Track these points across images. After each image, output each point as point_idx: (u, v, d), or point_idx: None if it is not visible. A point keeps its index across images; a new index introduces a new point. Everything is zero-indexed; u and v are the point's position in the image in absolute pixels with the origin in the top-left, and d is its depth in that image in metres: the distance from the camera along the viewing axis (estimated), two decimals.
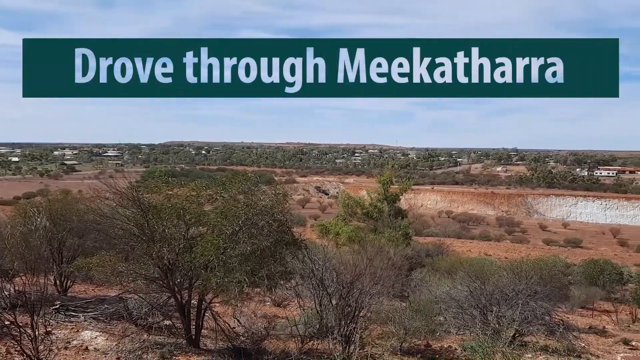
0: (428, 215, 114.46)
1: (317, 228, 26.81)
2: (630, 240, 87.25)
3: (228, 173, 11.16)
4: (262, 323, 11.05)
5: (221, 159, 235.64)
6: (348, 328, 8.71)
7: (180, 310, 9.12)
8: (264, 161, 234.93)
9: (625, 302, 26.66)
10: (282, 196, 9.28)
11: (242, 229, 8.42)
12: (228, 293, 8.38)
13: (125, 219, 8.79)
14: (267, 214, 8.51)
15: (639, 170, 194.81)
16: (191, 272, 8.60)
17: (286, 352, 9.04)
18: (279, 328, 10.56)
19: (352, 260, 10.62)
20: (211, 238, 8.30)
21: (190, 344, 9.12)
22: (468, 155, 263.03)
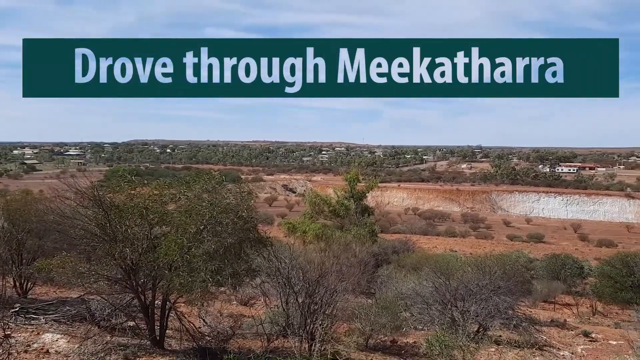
0: (395, 213, 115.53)
1: (284, 226, 26.76)
2: (590, 235, 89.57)
3: (191, 172, 11.04)
4: (228, 322, 10.96)
5: (187, 158, 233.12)
6: (314, 326, 8.71)
7: (144, 310, 8.99)
8: (231, 159, 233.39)
9: (585, 296, 27.33)
10: (247, 194, 9.22)
11: (207, 228, 8.35)
12: (192, 293, 8.29)
13: (87, 219, 8.62)
14: (231, 212, 8.45)
15: (599, 167, 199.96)
16: (155, 272, 8.48)
17: (252, 350, 9.00)
18: (245, 327, 10.49)
19: (318, 258, 10.64)
20: (175, 237, 8.20)
21: (154, 344, 9.00)
22: (434, 153, 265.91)
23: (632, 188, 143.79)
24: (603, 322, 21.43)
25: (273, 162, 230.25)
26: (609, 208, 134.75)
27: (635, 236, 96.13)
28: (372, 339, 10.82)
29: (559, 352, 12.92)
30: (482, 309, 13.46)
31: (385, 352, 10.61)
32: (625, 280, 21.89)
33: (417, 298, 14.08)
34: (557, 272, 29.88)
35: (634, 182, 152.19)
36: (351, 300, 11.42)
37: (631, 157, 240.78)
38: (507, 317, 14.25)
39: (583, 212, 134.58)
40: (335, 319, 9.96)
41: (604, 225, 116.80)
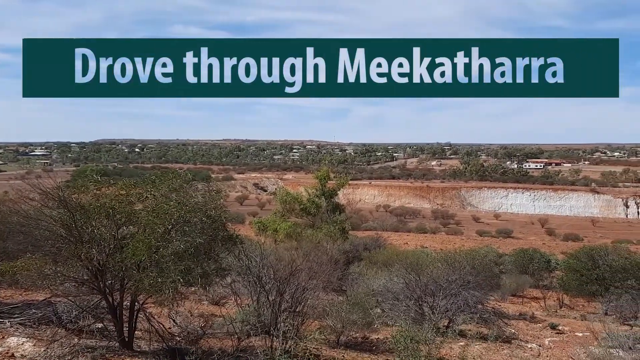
0: (366, 210, 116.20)
1: (255, 225, 26.69)
2: (557, 230, 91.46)
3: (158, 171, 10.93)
4: (198, 322, 10.88)
5: (156, 157, 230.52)
6: (285, 324, 8.71)
7: (112, 312, 8.86)
8: (200, 158, 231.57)
9: (552, 289, 27.83)
10: (216, 192, 9.16)
11: (175, 227, 8.26)
12: (162, 293, 8.20)
13: (51, 220, 8.46)
14: (200, 211, 8.38)
15: (565, 163, 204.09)
16: (122, 273, 8.36)
17: (223, 350, 8.95)
18: (216, 327, 10.41)
19: (289, 256, 10.63)
20: (142, 237, 8.08)
21: (123, 346, 8.88)
22: (404, 150, 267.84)
23: (597, 183, 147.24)
24: (569, 314, 21.86)
25: (244, 161, 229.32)
26: (575, 203, 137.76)
27: (600, 230, 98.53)
28: (343, 335, 10.85)
29: (526, 345, 13.14)
30: (452, 304, 13.62)
31: (356, 349, 10.65)
32: (590, 273, 22.35)
33: (388, 294, 14.19)
34: (525, 267, 30.41)
35: (599, 178, 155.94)
36: (322, 297, 11.44)
37: (595, 153, 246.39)
38: (476, 311, 14.45)
39: (550, 207, 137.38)
40: (307, 317, 9.97)
41: (570, 219, 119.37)
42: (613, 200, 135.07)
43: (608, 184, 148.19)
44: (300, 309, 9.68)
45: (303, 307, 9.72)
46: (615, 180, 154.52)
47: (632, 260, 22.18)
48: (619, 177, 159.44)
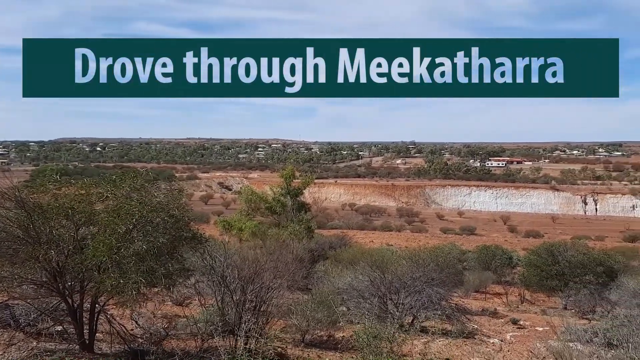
0: (332, 208, 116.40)
1: (220, 224, 26.48)
2: (518, 226, 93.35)
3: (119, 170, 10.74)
4: (161, 323, 10.75)
5: (118, 156, 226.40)
6: (249, 323, 8.66)
7: (71, 314, 8.67)
8: (164, 157, 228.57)
9: (514, 285, 28.35)
10: (178, 192, 9.05)
11: (137, 227, 8.12)
12: (124, 294, 8.07)
13: (8, 220, 8.23)
14: (162, 211, 8.27)
15: (526, 161, 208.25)
16: (83, 275, 8.20)
17: (186, 351, 8.85)
18: (179, 327, 10.31)
19: (254, 255, 10.57)
20: (103, 238, 7.93)
21: (84, 349, 8.70)
22: (369, 149, 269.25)
23: (557, 181, 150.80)
24: (530, 309, 22.33)
25: (208, 160, 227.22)
26: (536, 200, 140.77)
27: (560, 226, 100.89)
28: (308, 334, 10.86)
29: (488, 340, 13.37)
30: (416, 301, 13.76)
31: (321, 347, 10.67)
32: (550, 268, 22.82)
33: (353, 292, 14.24)
34: (487, 263, 30.91)
35: (558, 176, 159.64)
36: (287, 296, 11.41)
37: (555, 152, 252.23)
38: (440, 307, 14.63)
39: (512, 204, 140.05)
40: (271, 316, 9.93)
41: (531, 216, 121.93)
42: (572, 198, 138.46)
43: (567, 181, 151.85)
44: (265, 308, 9.64)
45: (267, 306, 9.68)
46: (574, 178, 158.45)
47: (590, 256, 22.75)
48: (577, 175, 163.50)
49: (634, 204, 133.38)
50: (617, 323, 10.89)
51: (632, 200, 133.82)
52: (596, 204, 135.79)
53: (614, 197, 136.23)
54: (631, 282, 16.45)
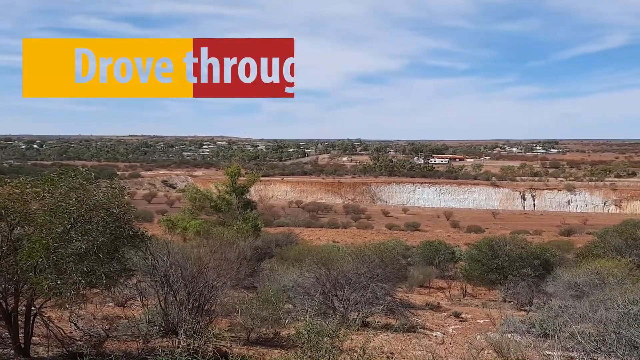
0: (278, 206, 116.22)
1: (164, 223, 25.99)
2: (461, 222, 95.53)
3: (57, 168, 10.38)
4: (102, 325, 10.48)
5: (56, 154, 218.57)
6: (192, 323, 8.54)
7: (5, 318, 8.34)
8: (105, 155, 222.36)
9: (457, 279, 29.07)
10: (119, 190, 8.82)
11: (75, 227, 7.87)
12: (62, 296, 7.82)
13: None
14: (101, 210, 8.04)
15: (467, 158, 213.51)
16: (17, 276, 7.88)
17: (128, 352, 8.66)
18: (121, 329, 10.05)
19: (198, 254, 10.43)
20: (39, 238, 7.66)
21: (19, 353, 8.38)
22: (315, 146, 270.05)
23: (497, 177, 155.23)
24: (472, 302, 22.92)
25: (151, 158, 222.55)
26: (477, 196, 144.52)
27: (500, 222, 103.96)
28: (253, 332, 10.81)
29: (431, 333, 13.65)
30: (361, 297, 13.93)
31: (267, 345, 10.64)
32: (490, 262, 23.48)
33: (299, 289, 14.28)
34: (431, 258, 31.55)
35: (498, 172, 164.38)
36: (231, 295, 11.33)
37: (495, 149, 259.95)
38: (384, 302, 14.85)
39: (454, 200, 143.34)
40: (216, 315, 9.84)
41: (473, 212, 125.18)
42: (511, 194, 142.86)
43: (507, 178, 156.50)
44: (209, 307, 9.54)
45: (211, 305, 9.58)
46: (514, 174, 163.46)
47: (528, 250, 23.55)
48: (516, 172, 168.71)
49: (569, 199, 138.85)
50: (552, 314, 11.30)
51: (567, 196, 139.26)
52: (534, 199, 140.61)
53: (550, 192, 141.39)
54: (566, 274, 17.08)
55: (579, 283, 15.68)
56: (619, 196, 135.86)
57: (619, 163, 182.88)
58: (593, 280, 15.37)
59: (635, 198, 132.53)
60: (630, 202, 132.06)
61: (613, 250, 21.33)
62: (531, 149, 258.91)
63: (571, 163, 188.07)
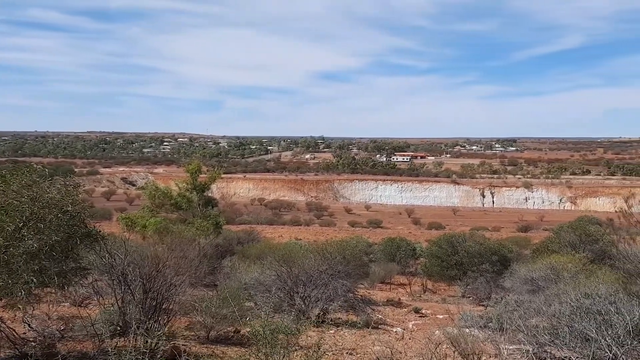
0: (240, 203, 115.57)
1: (122, 221, 25.44)
2: (422, 219, 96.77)
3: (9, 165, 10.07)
4: (57, 325, 10.22)
5: (11, 150, 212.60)
6: (150, 322, 8.40)
7: None
8: (62, 152, 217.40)
9: (417, 275, 29.40)
10: (73, 187, 8.59)
11: (27, 225, 7.64)
12: (13, 296, 7.59)
13: None
14: (55, 207, 7.82)
15: (429, 156, 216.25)
16: None
17: (83, 353, 8.47)
18: (76, 329, 9.82)
19: (156, 252, 10.25)
20: None
21: None
22: (278, 144, 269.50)
23: (457, 175, 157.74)
24: (432, 298, 23.23)
25: (110, 154, 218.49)
26: (438, 194, 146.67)
27: (461, 218, 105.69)
28: (214, 331, 10.70)
29: (392, 329, 13.76)
30: (322, 293, 13.95)
31: (227, 343, 10.55)
32: (450, 259, 23.85)
33: (260, 287, 14.23)
34: (393, 255, 31.85)
35: (459, 170, 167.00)
36: (192, 293, 11.19)
37: (456, 147, 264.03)
38: (346, 299, 14.92)
39: (416, 197, 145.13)
40: (174, 314, 9.71)
41: (434, 209, 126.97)
42: (471, 191, 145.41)
43: (467, 175, 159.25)
44: (167, 306, 9.40)
45: (170, 304, 9.45)
46: (473, 172, 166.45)
47: (487, 246, 24.00)
48: (476, 169, 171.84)
49: (526, 196, 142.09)
50: (509, 308, 11.54)
51: (525, 193, 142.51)
52: (493, 196, 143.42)
53: (509, 190, 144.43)
54: (522, 269, 17.47)
55: (535, 278, 16.05)
56: (574, 193, 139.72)
57: (574, 161, 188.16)
58: (548, 275, 15.76)
59: (590, 195, 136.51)
60: (585, 199, 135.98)
61: (568, 245, 21.90)
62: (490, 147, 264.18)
63: (529, 161, 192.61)
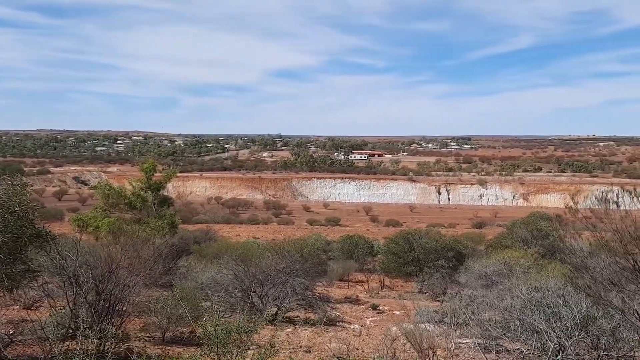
0: (197, 203, 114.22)
1: (75, 222, 24.82)
2: (380, 216, 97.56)
3: None
4: (5, 330, 9.89)
5: None
6: (103, 324, 8.22)
7: None
8: (11, 150, 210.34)
9: (375, 272, 29.59)
10: (21, 187, 8.33)
11: None
12: None
13: None
14: (2, 207, 7.57)
15: (386, 154, 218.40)
16: None
17: (33, 357, 8.22)
18: (26, 332, 9.53)
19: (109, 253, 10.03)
20: None
21: None
22: (235, 142, 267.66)
23: (414, 173, 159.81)
24: (389, 294, 23.43)
25: (62, 153, 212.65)
26: (395, 191, 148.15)
27: (417, 215, 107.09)
28: (169, 331, 10.56)
29: (349, 326, 13.85)
30: (280, 292, 13.94)
31: (183, 344, 10.42)
32: (407, 255, 24.11)
33: (217, 287, 14.11)
34: (351, 252, 31.95)
35: (415, 168, 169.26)
36: (146, 294, 11.00)
37: (412, 145, 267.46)
38: (303, 297, 14.94)
39: (373, 195, 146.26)
40: (128, 315, 9.52)
41: (391, 207, 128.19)
42: (428, 188, 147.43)
43: (423, 173, 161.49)
44: (121, 308, 9.22)
45: (123, 305, 9.26)
46: (429, 169, 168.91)
47: (442, 242, 24.39)
48: (432, 167, 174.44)
49: (481, 193, 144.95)
50: (463, 303, 11.76)
51: (479, 190, 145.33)
52: (449, 193, 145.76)
53: (464, 187, 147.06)
54: (477, 265, 17.83)
55: (489, 273, 16.40)
56: (527, 190, 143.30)
57: (526, 159, 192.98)
58: (501, 270, 16.14)
59: (541, 192, 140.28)
60: (537, 196, 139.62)
61: (520, 241, 22.49)
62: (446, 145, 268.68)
63: (483, 159, 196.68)
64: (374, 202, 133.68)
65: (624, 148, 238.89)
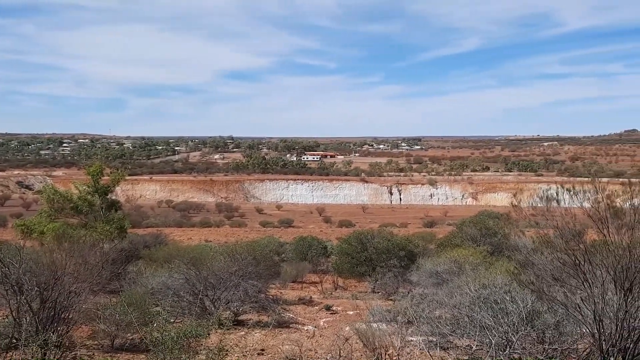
0: (147, 206, 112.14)
1: (18, 228, 24.00)
2: (333, 217, 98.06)
3: None
4: None
5: None
6: (48, 333, 7.96)
7: None
8: None
9: (329, 273, 29.71)
10: None
11: None
12: None
13: None
14: None
15: (338, 155, 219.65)
16: None
17: None
18: None
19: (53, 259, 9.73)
20: None
21: None
22: (186, 144, 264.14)
23: (366, 173, 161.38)
24: (343, 295, 23.55)
25: (4, 157, 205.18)
26: (348, 192, 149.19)
27: (370, 216, 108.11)
28: (118, 338, 10.32)
29: (303, 327, 13.85)
30: (232, 295, 13.83)
31: (132, 351, 10.20)
32: (360, 255, 24.29)
33: (168, 291, 13.88)
34: (304, 254, 31.96)
35: (367, 168, 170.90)
36: (94, 300, 10.72)
37: (364, 146, 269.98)
38: (256, 300, 14.85)
39: (326, 196, 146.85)
40: (75, 323, 9.26)
41: (344, 207, 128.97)
42: (379, 189, 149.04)
43: (375, 173, 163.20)
44: (67, 315, 8.95)
45: (69, 313, 9.00)
46: (381, 170, 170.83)
47: (394, 242, 24.67)
48: (384, 168, 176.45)
49: (431, 192, 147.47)
50: (415, 302, 11.93)
51: (430, 190, 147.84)
52: (400, 193, 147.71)
53: (415, 187, 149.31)
54: (428, 263, 18.11)
55: (440, 271, 16.69)
56: (475, 189, 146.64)
57: (474, 159, 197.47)
58: (452, 268, 16.44)
59: (489, 190, 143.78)
60: (485, 195, 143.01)
61: (469, 239, 22.97)
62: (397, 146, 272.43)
63: (433, 159, 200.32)
64: (327, 203, 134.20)
65: (567, 147, 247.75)
